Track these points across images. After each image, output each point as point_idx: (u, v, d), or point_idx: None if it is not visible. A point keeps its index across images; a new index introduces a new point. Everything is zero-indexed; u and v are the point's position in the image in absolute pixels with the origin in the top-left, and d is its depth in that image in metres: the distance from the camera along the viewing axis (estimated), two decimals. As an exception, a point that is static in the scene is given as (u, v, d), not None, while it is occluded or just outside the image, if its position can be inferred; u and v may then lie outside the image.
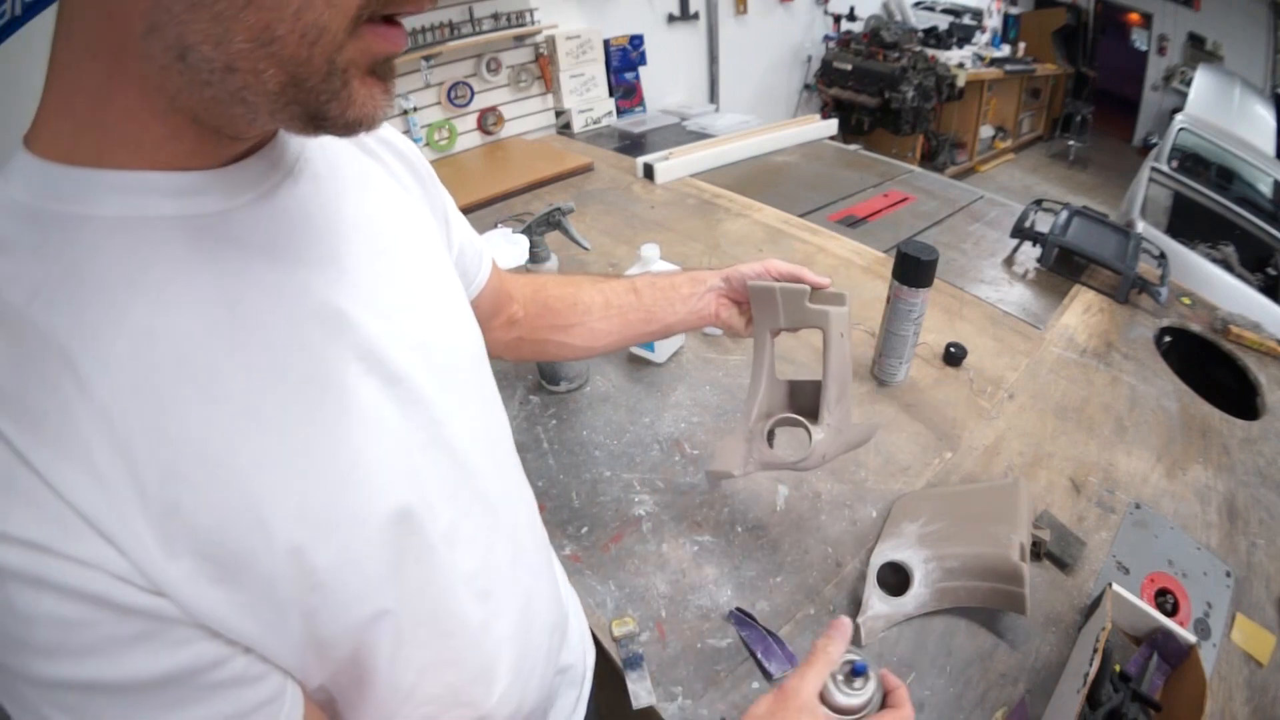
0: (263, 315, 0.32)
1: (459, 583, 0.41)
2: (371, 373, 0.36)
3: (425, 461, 0.39)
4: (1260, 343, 1.14)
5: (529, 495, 0.55)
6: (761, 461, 0.66)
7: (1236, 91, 3.53)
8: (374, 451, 0.35)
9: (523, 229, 1.02)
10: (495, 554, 0.45)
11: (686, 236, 1.46)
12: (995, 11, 4.83)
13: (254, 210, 0.32)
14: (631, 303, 0.69)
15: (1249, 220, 2.51)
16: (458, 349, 0.45)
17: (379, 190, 0.43)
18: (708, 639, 0.68)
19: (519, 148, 2.01)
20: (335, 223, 0.37)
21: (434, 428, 0.40)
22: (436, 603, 0.40)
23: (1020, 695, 0.63)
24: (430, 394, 0.40)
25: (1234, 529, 0.82)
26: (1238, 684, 0.67)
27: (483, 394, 0.48)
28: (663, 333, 0.71)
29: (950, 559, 0.70)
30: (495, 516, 0.46)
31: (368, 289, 0.37)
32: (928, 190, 1.75)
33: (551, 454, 0.91)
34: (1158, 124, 4.72)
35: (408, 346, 0.39)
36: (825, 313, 0.61)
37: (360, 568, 0.34)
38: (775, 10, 2.92)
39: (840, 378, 0.63)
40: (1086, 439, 0.93)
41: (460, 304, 0.47)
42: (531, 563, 0.51)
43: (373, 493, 0.35)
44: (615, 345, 0.72)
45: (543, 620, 0.52)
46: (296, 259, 0.34)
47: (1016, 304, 1.23)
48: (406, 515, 0.37)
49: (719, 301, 0.69)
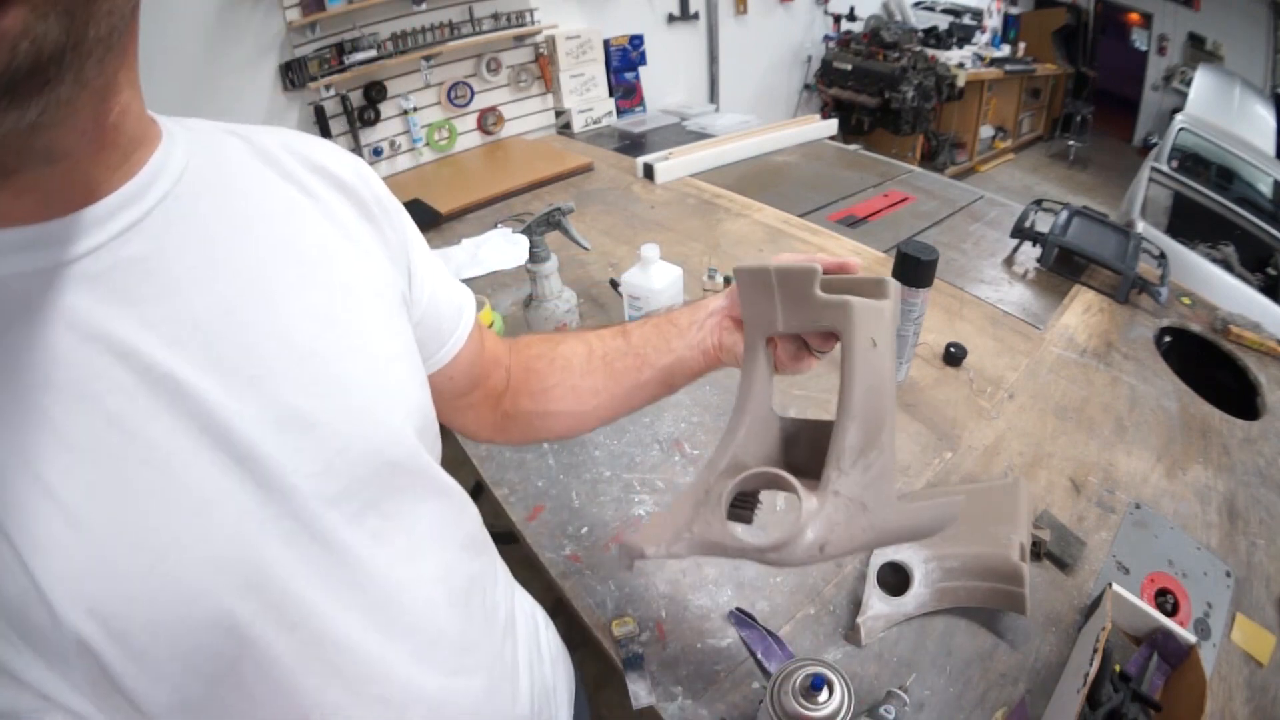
0: (85, 382, 0.28)
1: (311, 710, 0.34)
2: (216, 449, 0.31)
3: (280, 566, 0.32)
4: (1260, 343, 1.14)
5: (476, 589, 0.46)
6: (701, 540, 0.42)
7: (1236, 91, 3.53)
8: (196, 545, 0.30)
9: (523, 229, 1.02)
10: (361, 700, 0.37)
11: (686, 236, 1.46)
12: (995, 11, 4.83)
13: (90, 263, 0.29)
14: (618, 347, 0.55)
15: (1249, 220, 2.51)
16: (366, 433, 0.37)
17: (294, 231, 0.37)
18: (708, 639, 0.68)
19: (519, 148, 2.01)
20: (198, 271, 0.32)
21: (303, 524, 0.33)
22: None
23: (1020, 695, 0.63)
24: (303, 483, 0.33)
25: (1234, 529, 0.82)
26: (1238, 684, 0.67)
27: (413, 488, 0.40)
28: (660, 381, 0.55)
29: (950, 559, 0.70)
30: (365, 657, 0.36)
31: (223, 350, 0.32)
32: (928, 190, 1.75)
33: (551, 454, 0.91)
34: (1158, 124, 4.72)
35: (274, 423, 0.32)
36: (845, 305, 0.40)
37: (167, 683, 0.30)
38: (775, 10, 2.92)
39: (867, 413, 0.38)
40: (1086, 439, 0.93)
41: (387, 376, 0.39)
42: (480, 657, 0.45)
43: (190, 594, 0.30)
44: (607, 407, 0.57)
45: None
46: (132, 315, 0.30)
47: (1016, 304, 1.23)
48: (233, 628, 0.31)
49: (722, 326, 0.52)
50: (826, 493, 0.38)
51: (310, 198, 0.39)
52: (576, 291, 1.14)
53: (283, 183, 0.38)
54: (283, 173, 0.38)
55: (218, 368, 0.31)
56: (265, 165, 0.38)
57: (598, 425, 0.59)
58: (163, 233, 0.31)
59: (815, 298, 0.41)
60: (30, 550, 0.26)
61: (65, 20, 0.23)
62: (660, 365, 0.54)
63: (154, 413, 0.30)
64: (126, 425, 0.29)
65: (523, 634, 0.54)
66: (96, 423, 0.28)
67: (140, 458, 0.29)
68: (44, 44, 0.22)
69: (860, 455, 0.38)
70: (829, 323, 0.41)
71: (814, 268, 0.41)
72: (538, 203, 1.64)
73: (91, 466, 0.28)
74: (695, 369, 0.54)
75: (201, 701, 0.31)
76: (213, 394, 0.31)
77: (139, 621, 0.29)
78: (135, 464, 0.29)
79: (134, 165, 0.31)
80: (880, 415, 0.39)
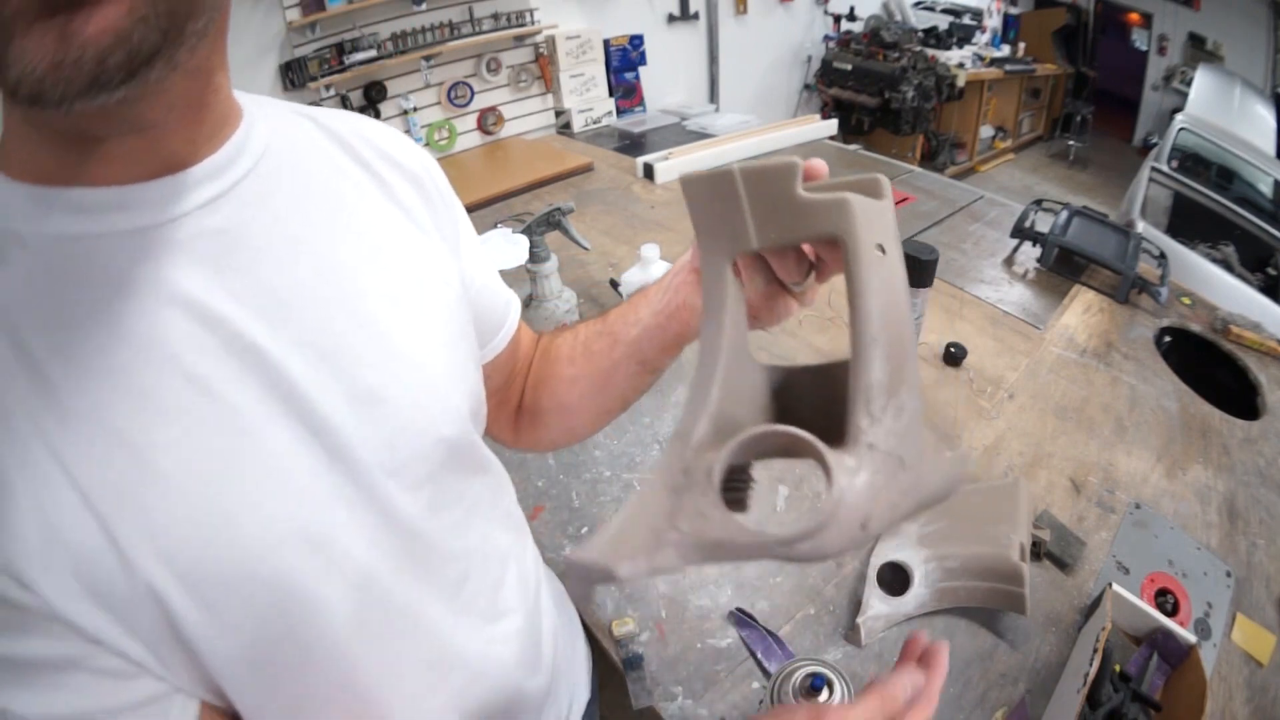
0: (170, 343, 0.30)
1: (350, 682, 0.36)
2: (292, 418, 0.32)
3: (343, 530, 0.34)
4: (1260, 343, 1.14)
5: (509, 558, 0.48)
6: (701, 538, 0.27)
7: (1237, 91, 3.53)
8: (267, 505, 0.31)
9: (523, 229, 1.03)
10: (405, 661, 0.39)
11: (686, 236, 1.45)
12: (995, 11, 4.83)
13: (175, 229, 0.30)
14: (596, 329, 0.51)
15: (1249, 220, 2.51)
16: (428, 411, 0.38)
17: (365, 213, 0.38)
18: (708, 639, 0.68)
19: (519, 148, 2.01)
20: (277, 247, 0.33)
21: (366, 493, 0.35)
22: (325, 700, 0.36)
23: (1020, 695, 0.63)
24: (368, 455, 0.35)
25: (1234, 529, 0.82)
26: (1238, 684, 0.67)
27: (462, 464, 0.42)
28: (632, 357, 0.49)
29: (950, 559, 0.70)
30: (415, 621, 0.39)
31: (303, 325, 0.33)
32: (928, 190, 1.75)
33: (551, 454, 0.91)
34: (1158, 124, 4.72)
35: (346, 397, 0.34)
36: (843, 202, 0.29)
37: (233, 635, 0.31)
38: (775, 10, 2.92)
39: (892, 339, 0.29)
40: (1086, 439, 0.93)
41: (449, 358, 0.40)
42: (508, 624, 0.46)
43: (260, 550, 0.31)
44: (590, 397, 0.52)
45: (511, 690, 0.46)
46: (216, 284, 0.31)
47: (1016, 304, 1.23)
48: (297, 587, 0.32)
49: (688, 283, 0.44)
50: (860, 446, 0.27)
51: (378, 182, 0.40)
52: (576, 291, 1.14)
53: (353, 166, 0.39)
54: (353, 156, 0.39)
55: (298, 341, 0.33)
56: (336, 147, 0.39)
57: (591, 423, 0.55)
58: (244, 207, 0.32)
59: (798, 199, 0.30)
60: (104, 499, 0.28)
61: (166, 21, 0.23)
62: (629, 339, 0.48)
63: (237, 379, 0.31)
64: (210, 388, 0.30)
65: (547, 608, 0.56)
66: (177, 382, 0.30)
67: (220, 419, 0.30)
68: (141, 47, 0.23)
69: (891, 395, 0.28)
70: (822, 228, 0.30)
71: (794, 161, 0.30)
72: (538, 203, 1.64)
73: (172, 424, 0.29)
74: (665, 338, 0.46)
75: (261, 656, 0.33)
76: (295, 367, 0.32)
77: (211, 573, 0.30)
78: (215, 425, 0.30)
79: (218, 140, 0.32)
80: (904, 342, 0.29)
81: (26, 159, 0.28)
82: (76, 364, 0.28)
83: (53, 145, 0.28)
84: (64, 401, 0.27)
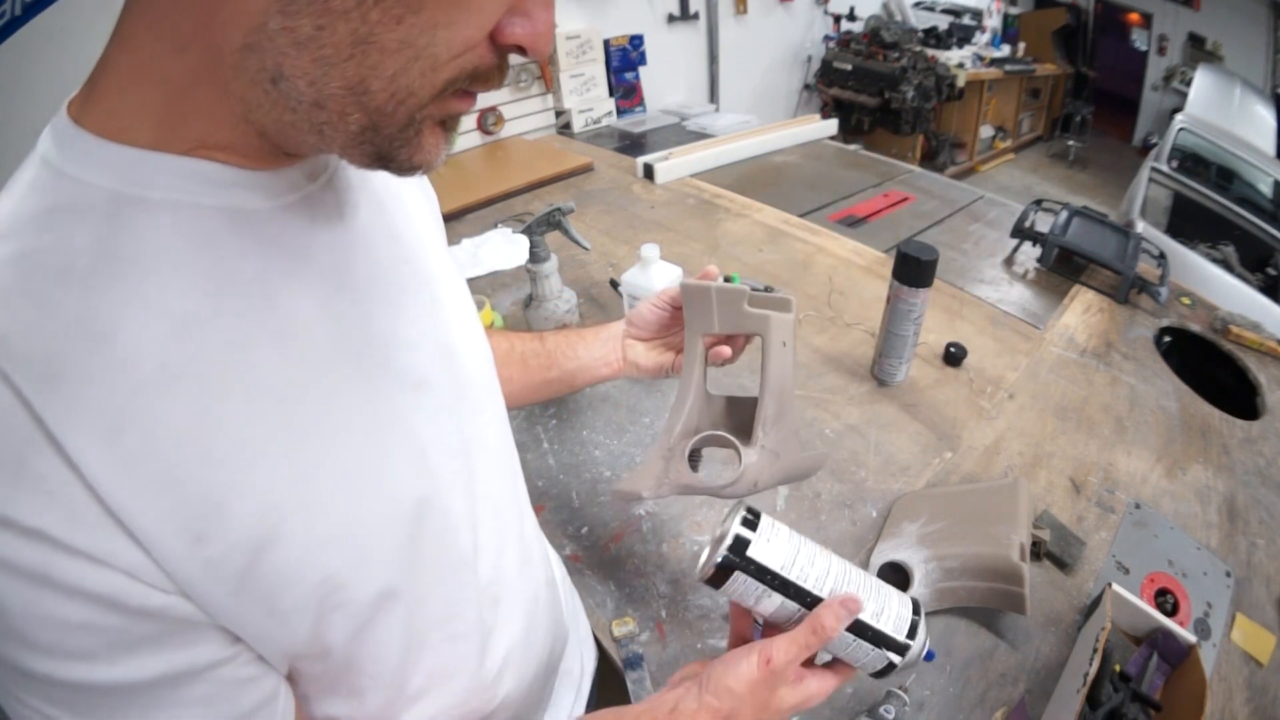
0: (299, 314, 0.32)
1: (472, 588, 0.42)
2: (401, 378, 0.37)
3: (448, 466, 0.40)
4: (1260, 343, 1.14)
5: (528, 502, 0.55)
6: (678, 484, 0.58)
7: (1236, 91, 3.53)
8: (400, 453, 0.36)
9: (523, 229, 1.02)
10: (505, 559, 0.46)
11: (686, 236, 1.46)
12: (995, 11, 4.83)
13: (290, 213, 0.33)
14: (534, 348, 0.67)
15: (1249, 220, 2.51)
16: (475, 355, 0.45)
17: (402, 199, 0.43)
18: (708, 639, 0.68)
19: (519, 148, 2.01)
20: (362, 228, 0.37)
21: (456, 434, 0.41)
22: (450, 606, 0.40)
23: (1020, 695, 0.63)
24: (451, 400, 0.41)
25: (1234, 529, 0.82)
26: (1238, 684, 0.67)
27: (496, 401, 0.49)
28: (565, 381, 0.67)
29: (950, 559, 0.70)
30: (504, 521, 0.46)
31: (395, 294, 0.38)
32: (928, 190, 1.75)
33: (551, 454, 0.91)
34: (1158, 124, 4.73)
35: (432, 352, 0.40)
36: (766, 317, 0.55)
37: (378, 565, 0.35)
38: (775, 10, 2.92)
39: (780, 392, 0.56)
40: (1086, 439, 0.93)
41: (471, 311, 0.48)
42: (536, 571, 0.52)
43: (397, 493, 0.36)
44: (519, 394, 0.67)
45: (544, 628, 0.52)
46: (327, 262, 0.34)
47: (1016, 304, 1.23)
48: (427, 515, 0.37)
49: (625, 344, 0.66)
50: (757, 447, 0.56)
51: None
52: (576, 291, 1.14)
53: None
54: None
55: (393, 310, 0.37)
56: None
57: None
58: (329, 201, 0.35)
59: (744, 311, 0.56)
60: (271, 467, 0.30)
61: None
62: (567, 368, 0.66)
63: (361, 345, 0.35)
64: (347, 355, 0.34)
65: (553, 557, 0.62)
66: (323, 349, 0.33)
67: (353, 388, 0.34)
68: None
69: (775, 421, 0.56)
70: (753, 328, 0.57)
71: (744, 290, 0.56)
72: (538, 203, 1.64)
73: (321, 394, 0.32)
74: (599, 376, 0.67)
75: (403, 581, 0.36)
76: (401, 331, 0.38)
77: (365, 518, 0.34)
78: (347, 393, 0.34)
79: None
80: (787, 391, 0.56)
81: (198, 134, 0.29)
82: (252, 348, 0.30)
83: (253, 142, 0.30)
84: (240, 367, 0.30)
